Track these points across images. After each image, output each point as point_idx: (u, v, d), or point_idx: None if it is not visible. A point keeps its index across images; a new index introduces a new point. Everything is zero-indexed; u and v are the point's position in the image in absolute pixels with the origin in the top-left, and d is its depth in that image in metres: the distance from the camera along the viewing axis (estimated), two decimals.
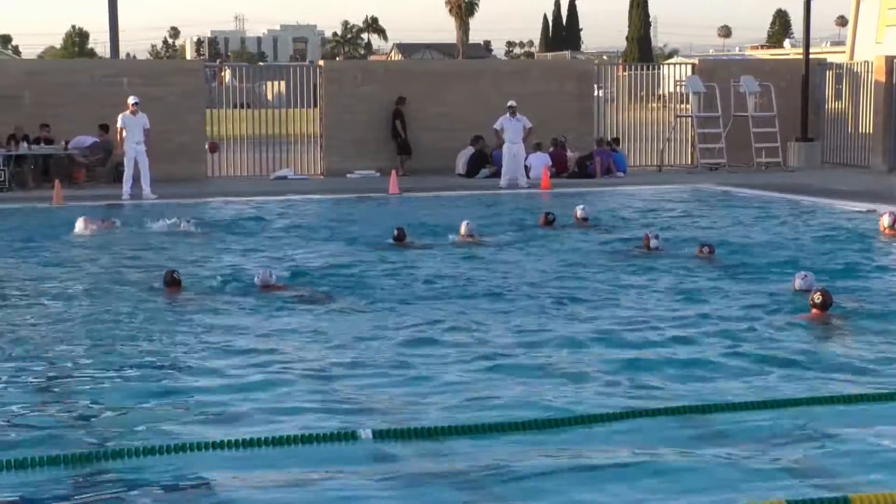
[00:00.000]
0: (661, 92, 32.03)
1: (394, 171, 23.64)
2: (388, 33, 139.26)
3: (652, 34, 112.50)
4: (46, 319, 10.79)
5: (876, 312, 10.75)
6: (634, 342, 9.60)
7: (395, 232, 15.30)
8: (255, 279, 12.02)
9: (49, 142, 23.90)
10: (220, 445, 6.67)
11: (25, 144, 23.31)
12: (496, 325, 10.36)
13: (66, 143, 23.86)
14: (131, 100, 21.98)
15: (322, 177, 26.09)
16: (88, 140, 24.19)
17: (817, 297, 10.33)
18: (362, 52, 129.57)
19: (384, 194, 21.91)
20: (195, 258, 14.58)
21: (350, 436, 6.82)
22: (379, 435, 6.87)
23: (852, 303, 11.07)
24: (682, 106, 29.71)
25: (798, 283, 11.50)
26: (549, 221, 17.02)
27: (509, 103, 23.87)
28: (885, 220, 16.04)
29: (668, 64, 38.17)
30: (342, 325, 10.45)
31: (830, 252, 14.67)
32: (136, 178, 21.86)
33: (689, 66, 30.08)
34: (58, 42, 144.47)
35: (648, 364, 8.83)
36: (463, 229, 15.65)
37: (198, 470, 6.45)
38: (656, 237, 14.70)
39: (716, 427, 7.20)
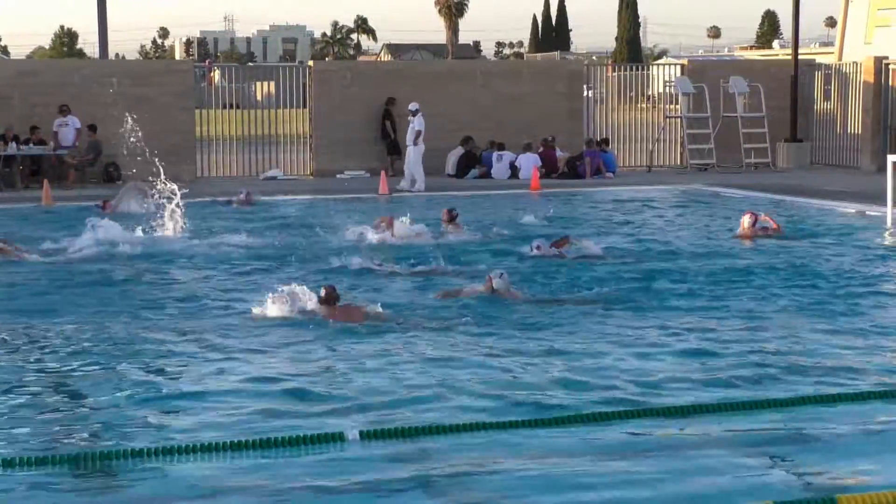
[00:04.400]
0: (650, 92, 32.10)
1: (384, 172, 23.63)
2: (378, 34, 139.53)
3: (641, 35, 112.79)
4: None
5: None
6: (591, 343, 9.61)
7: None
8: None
9: (39, 143, 23.85)
10: (206, 448, 6.67)
11: (15, 145, 23.27)
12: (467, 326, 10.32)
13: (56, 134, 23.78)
14: None
15: (312, 177, 26.08)
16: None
17: (322, 292, 10.24)
18: (352, 52, 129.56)
19: (374, 194, 21.88)
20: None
21: (337, 437, 6.83)
22: (366, 436, 6.87)
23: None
24: (672, 106, 29.75)
25: (495, 282, 11.03)
26: (452, 218, 16.79)
27: (409, 106, 23.75)
28: (746, 221, 15.87)
29: (658, 64, 38.18)
30: (320, 326, 10.43)
31: (692, 252, 14.70)
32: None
33: (679, 67, 30.10)
34: (47, 42, 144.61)
35: (618, 364, 8.85)
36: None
37: (185, 472, 6.44)
38: (538, 247, 14.00)
39: (703, 428, 7.20)
